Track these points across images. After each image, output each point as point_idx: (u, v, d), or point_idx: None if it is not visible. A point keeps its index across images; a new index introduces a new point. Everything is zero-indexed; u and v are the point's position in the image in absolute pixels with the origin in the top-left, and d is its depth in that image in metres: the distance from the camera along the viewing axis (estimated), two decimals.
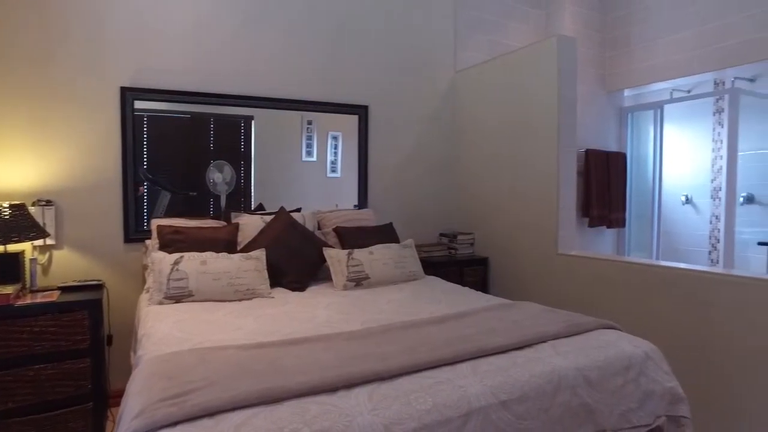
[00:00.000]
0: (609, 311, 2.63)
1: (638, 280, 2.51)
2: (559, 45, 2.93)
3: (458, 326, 1.82)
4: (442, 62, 3.79)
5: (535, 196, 3.09)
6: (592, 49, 4.35)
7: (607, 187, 4.21)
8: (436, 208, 3.80)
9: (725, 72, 4.03)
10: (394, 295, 2.47)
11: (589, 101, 4.31)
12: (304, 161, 3.37)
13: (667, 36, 3.98)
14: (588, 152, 4.11)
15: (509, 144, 3.31)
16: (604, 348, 1.63)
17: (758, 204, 4.44)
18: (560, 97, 2.92)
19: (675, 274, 2.36)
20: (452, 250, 3.56)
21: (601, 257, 2.76)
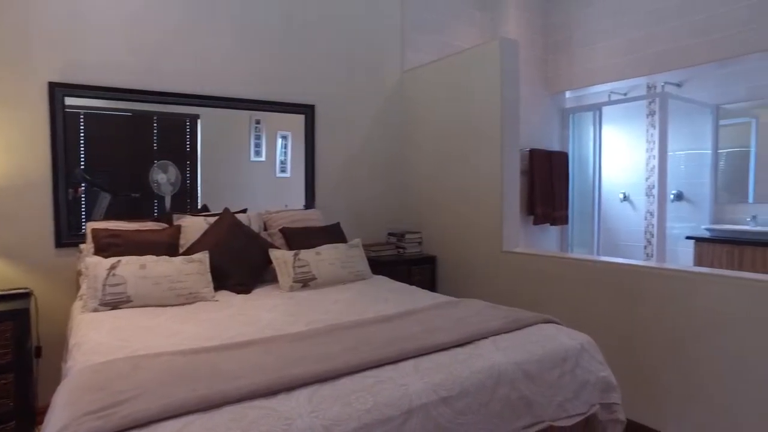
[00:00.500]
0: (551, 305, 2.72)
1: (577, 274, 2.61)
2: (502, 47, 3.00)
3: (403, 325, 1.83)
4: (389, 62, 3.81)
5: (481, 195, 3.16)
6: (535, 52, 4.49)
7: (551, 185, 4.36)
8: (385, 207, 3.82)
9: (656, 77, 4.26)
10: (341, 295, 2.46)
11: (533, 102, 4.44)
12: (252, 161, 3.31)
13: (604, 41, 4.16)
14: (532, 152, 4.24)
15: (455, 144, 3.37)
16: (542, 342, 1.69)
17: (687, 201, 4.71)
18: (503, 98, 2.99)
19: (610, 268, 2.47)
20: (400, 249, 3.59)
21: (543, 254, 2.85)
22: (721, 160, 4.56)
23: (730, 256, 3.95)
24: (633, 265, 2.41)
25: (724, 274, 2.10)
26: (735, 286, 2.02)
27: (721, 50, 3.44)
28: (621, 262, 2.48)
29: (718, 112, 4.51)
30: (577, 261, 2.63)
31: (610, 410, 1.73)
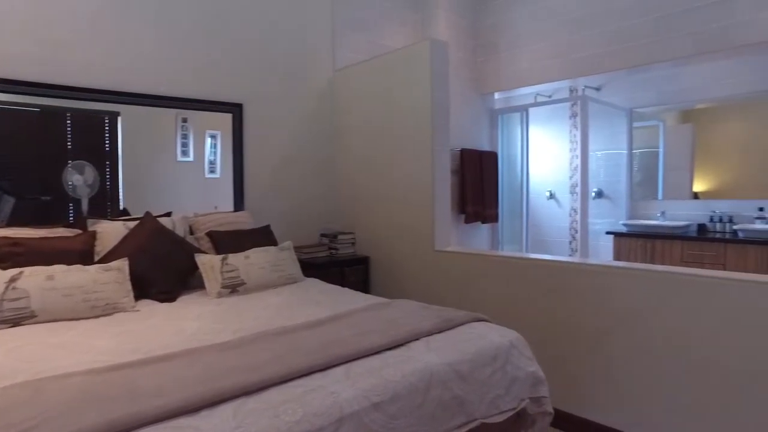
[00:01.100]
0: (482, 303, 2.78)
1: (506, 271, 2.69)
2: (432, 48, 3.03)
3: (334, 329, 1.80)
4: (320, 61, 3.75)
5: (412, 195, 3.18)
6: (465, 54, 4.58)
7: (481, 185, 4.47)
8: (317, 208, 3.76)
9: (577, 81, 4.49)
10: (272, 300, 2.39)
11: (463, 103, 4.54)
12: (179, 161, 3.15)
13: (530, 45, 4.32)
14: (462, 152, 4.33)
15: (387, 144, 3.37)
16: (473, 341, 1.71)
17: (606, 198, 5.00)
18: (433, 99, 3.02)
19: (536, 264, 2.56)
20: (333, 250, 3.55)
21: (473, 252, 2.91)
22: (635, 159, 4.87)
23: (643, 249, 4.23)
24: (557, 261, 2.52)
25: (638, 267, 2.23)
26: (647, 279, 2.15)
27: (632, 58, 3.67)
28: (546, 258, 2.58)
29: (631, 115, 4.81)
30: (505, 258, 2.71)
31: (539, 403, 1.79)
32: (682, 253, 4.01)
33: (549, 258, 2.58)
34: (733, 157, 4.35)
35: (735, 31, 3.22)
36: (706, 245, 3.89)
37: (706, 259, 3.89)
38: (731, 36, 3.24)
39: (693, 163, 4.54)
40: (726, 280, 1.94)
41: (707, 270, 2.06)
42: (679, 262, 4.02)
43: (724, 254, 3.80)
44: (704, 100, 4.35)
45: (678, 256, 4.03)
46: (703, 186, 4.49)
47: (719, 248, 3.83)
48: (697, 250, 3.93)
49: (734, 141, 4.34)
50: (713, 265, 3.85)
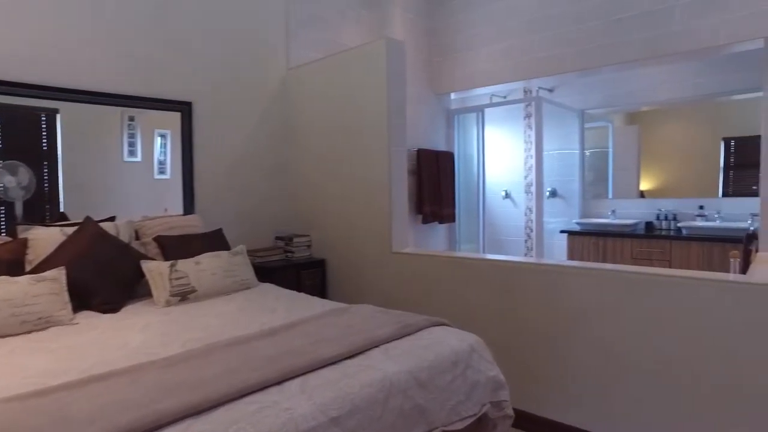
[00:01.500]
0: (441, 305, 2.76)
1: (464, 272, 2.67)
2: (388, 47, 2.99)
3: (289, 338, 1.72)
4: (274, 59, 3.64)
5: (369, 196, 3.13)
6: (422, 54, 4.57)
7: (438, 185, 4.47)
8: (272, 210, 3.65)
9: (531, 82, 4.55)
10: (224, 307, 2.28)
11: (419, 103, 4.52)
12: (126, 162, 2.98)
13: (485, 46, 4.34)
14: (419, 152, 4.31)
15: (343, 144, 3.30)
16: (433, 346, 1.67)
17: (560, 197, 5.11)
18: (390, 98, 2.98)
19: (493, 265, 2.56)
20: (289, 253, 3.45)
21: (431, 254, 2.89)
22: (587, 159, 5.00)
23: (596, 246, 4.34)
24: (513, 261, 2.52)
25: (592, 267, 2.26)
26: (601, 278, 2.18)
27: (584, 61, 3.74)
28: (502, 259, 2.58)
29: (583, 116, 4.93)
30: (463, 259, 2.69)
31: (499, 407, 1.77)
32: (632, 250, 4.14)
33: (505, 258, 2.59)
34: (674, 157, 4.53)
35: (675, 39, 3.34)
36: (654, 242, 4.03)
37: (654, 256, 4.03)
38: (672, 43, 3.35)
39: (639, 163, 4.70)
40: (679, 278, 1.99)
41: (662, 269, 2.11)
42: (629, 259, 4.15)
43: (670, 250, 3.95)
44: (649, 102, 4.51)
45: (629, 253, 4.15)
46: (649, 185, 4.66)
47: (665, 245, 3.97)
48: (645, 247, 4.07)
49: (675, 142, 4.52)
50: (660, 261, 3.99)
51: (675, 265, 3.91)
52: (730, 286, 1.87)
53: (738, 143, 4.16)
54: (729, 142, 4.19)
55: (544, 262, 2.40)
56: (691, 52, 3.35)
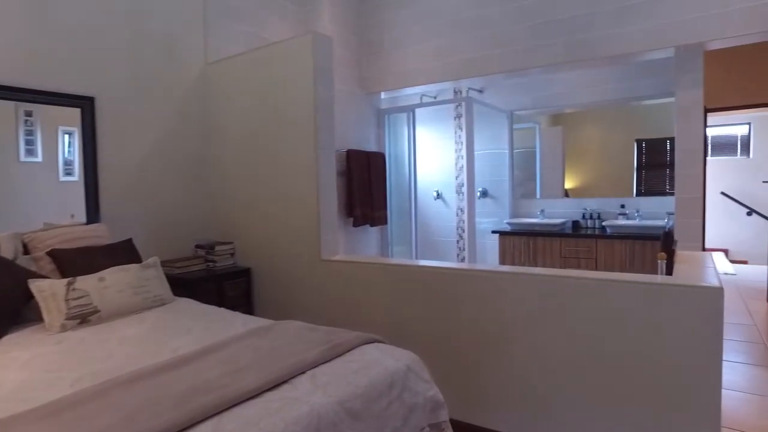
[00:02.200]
0: (374, 315, 2.64)
1: (398, 280, 2.56)
2: (315, 42, 2.81)
3: (204, 367, 1.52)
4: (190, 52, 3.35)
5: (296, 200, 2.94)
6: (351, 51, 4.42)
7: (369, 186, 4.34)
8: (191, 216, 3.36)
9: (461, 82, 4.53)
10: (132, 330, 2.02)
11: (349, 102, 4.37)
12: (23, 162, 2.61)
13: (415, 45, 4.26)
14: (349, 152, 4.16)
15: (268, 144, 3.09)
16: (366, 370, 1.53)
17: (491, 197, 5.15)
18: (317, 96, 2.81)
19: (427, 271, 2.46)
20: (211, 263, 3.19)
21: (363, 261, 2.75)
22: (517, 160, 5.07)
23: (527, 246, 4.39)
24: (448, 267, 2.44)
25: (526, 271, 2.22)
26: (535, 283, 2.14)
27: (510, 62, 3.75)
28: (437, 265, 2.49)
29: (512, 117, 5.00)
30: (397, 267, 2.58)
31: (438, 429, 1.66)
32: (561, 249, 4.22)
33: (440, 265, 2.50)
34: (594, 157, 4.69)
35: (595, 44, 3.42)
36: (581, 241, 4.13)
37: (581, 254, 4.13)
38: (592, 48, 3.43)
39: (564, 163, 4.83)
40: (612, 282, 1.98)
41: (595, 273, 2.09)
42: (559, 258, 4.23)
43: (596, 249, 4.06)
44: (572, 105, 4.64)
45: (558, 252, 4.24)
46: (574, 184, 4.79)
47: (591, 244, 4.08)
48: (573, 246, 4.16)
49: (594, 143, 4.69)
50: (587, 260, 4.10)
51: (601, 263, 4.03)
52: (659, 288, 1.88)
53: (648, 144, 4.39)
54: (641, 143, 4.41)
55: (480, 268, 2.33)
56: (610, 58, 3.44)
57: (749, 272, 6.35)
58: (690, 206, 3.41)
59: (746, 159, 7.75)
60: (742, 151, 7.82)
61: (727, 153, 7.88)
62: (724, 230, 7.69)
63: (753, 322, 4.18)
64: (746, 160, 7.74)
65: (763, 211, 7.04)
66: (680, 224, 3.43)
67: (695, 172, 3.40)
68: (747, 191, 7.53)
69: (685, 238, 3.41)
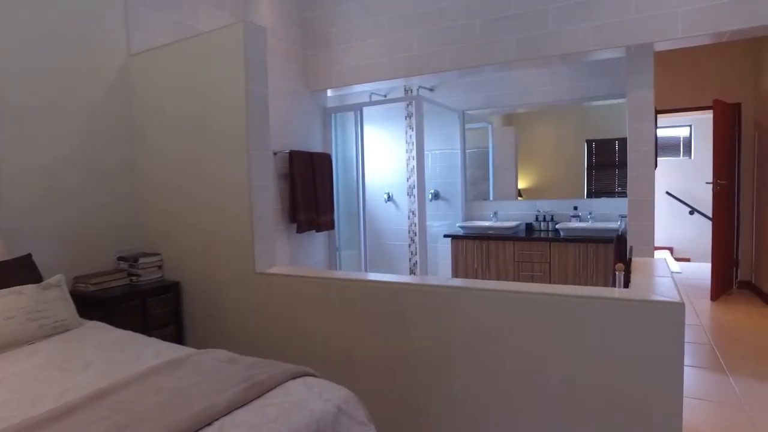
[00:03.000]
0: (313, 334, 2.40)
1: (341, 295, 2.33)
2: (247, 33, 2.54)
3: (88, 420, 1.23)
4: (110, 41, 3.00)
5: (228, 207, 2.66)
6: (294, 46, 4.15)
7: (314, 189, 4.08)
8: (113, 226, 3.00)
9: (411, 80, 4.34)
10: (18, 366, 1.70)
11: (293, 100, 4.10)
12: None
13: (362, 41, 4.04)
14: (292, 154, 3.89)
15: (197, 145, 2.78)
16: (286, 416, 1.29)
17: (443, 199, 4.99)
18: (249, 93, 2.54)
19: (373, 286, 2.24)
20: (134, 277, 2.86)
21: (301, 274, 2.49)
22: (470, 161, 4.93)
23: (479, 250, 4.25)
24: (395, 282, 2.22)
25: (477, 286, 2.04)
26: (487, 298, 1.96)
27: (463, 59, 3.59)
28: (383, 279, 2.27)
29: (464, 116, 4.85)
30: (340, 281, 2.34)
31: None
32: (514, 253, 4.10)
33: (386, 279, 2.28)
34: (547, 158, 4.62)
35: (548, 42, 3.30)
36: (534, 245, 4.02)
37: (535, 258, 4.02)
38: (545, 46, 3.31)
39: (517, 164, 4.73)
40: (566, 297, 1.82)
41: (550, 287, 1.92)
42: (512, 262, 4.11)
43: (549, 252, 3.96)
44: (525, 105, 4.54)
45: (511, 256, 4.11)
46: (527, 185, 4.70)
47: (545, 247, 3.98)
48: (527, 250, 4.05)
49: (547, 144, 4.61)
50: (541, 264, 3.99)
51: (555, 267, 3.94)
52: (617, 303, 1.73)
53: (598, 145, 4.36)
54: (591, 143, 4.37)
55: (428, 282, 2.13)
56: (562, 56, 3.33)
57: (693, 270, 6.49)
58: (642, 208, 3.34)
59: (688, 160, 7.97)
60: (684, 152, 8.03)
61: (671, 154, 8.08)
62: (669, 229, 7.87)
63: (699, 322, 4.20)
64: (688, 161, 7.96)
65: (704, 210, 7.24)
66: (633, 227, 3.36)
67: (647, 174, 3.33)
68: (689, 191, 7.74)
69: (638, 240, 3.34)
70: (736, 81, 5.23)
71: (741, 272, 5.30)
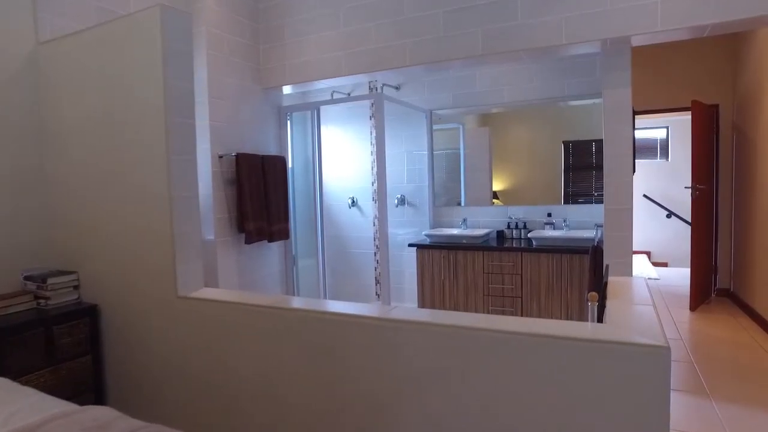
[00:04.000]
0: (241, 371, 2.04)
1: (268, 325, 1.98)
2: (166, 18, 2.17)
3: None
4: (14, 26, 2.59)
5: (149, 221, 2.28)
6: (244, 39, 3.77)
7: (265, 196, 3.71)
8: (18, 238, 2.60)
9: (375, 78, 4.01)
10: None
11: (244, 98, 3.74)
12: None
13: (316, 33, 3.69)
14: (239, 157, 3.51)
15: (114, 149, 2.40)
16: None
17: (410, 205, 4.67)
18: (169, 89, 2.17)
19: (308, 317, 1.90)
20: (43, 299, 2.46)
21: (229, 300, 2.13)
22: (441, 164, 4.62)
23: (446, 260, 3.94)
24: (327, 312, 1.88)
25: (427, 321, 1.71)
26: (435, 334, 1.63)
27: (424, 54, 3.27)
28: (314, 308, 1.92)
29: (431, 117, 4.54)
30: (267, 309, 1.99)
31: None
32: (484, 263, 3.80)
33: (318, 308, 1.93)
34: (524, 161, 4.33)
35: (517, 35, 3.01)
36: (505, 255, 3.73)
37: (505, 270, 3.73)
38: (514, 39, 3.01)
39: (491, 167, 4.43)
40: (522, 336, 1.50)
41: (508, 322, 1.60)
42: (482, 273, 3.81)
43: (521, 263, 3.67)
44: (497, 104, 4.25)
45: (480, 267, 3.82)
46: (501, 188, 4.41)
47: (516, 258, 3.69)
48: (497, 261, 3.76)
49: (522, 145, 4.33)
50: (512, 275, 3.71)
51: (527, 279, 3.65)
52: (590, 346, 1.42)
53: (575, 146, 4.10)
54: (568, 145, 4.11)
55: (370, 314, 1.79)
56: (533, 51, 3.03)
57: (671, 276, 6.30)
58: (619, 218, 3.07)
59: (665, 162, 7.81)
60: (661, 155, 7.88)
61: (648, 156, 7.91)
62: (646, 233, 7.70)
63: (679, 336, 3.96)
64: (665, 163, 7.80)
65: (681, 213, 7.07)
66: (609, 239, 3.09)
67: (624, 181, 3.06)
68: (667, 194, 7.58)
69: (615, 253, 3.07)
70: (713, 82, 5.04)
71: (719, 279, 5.11)
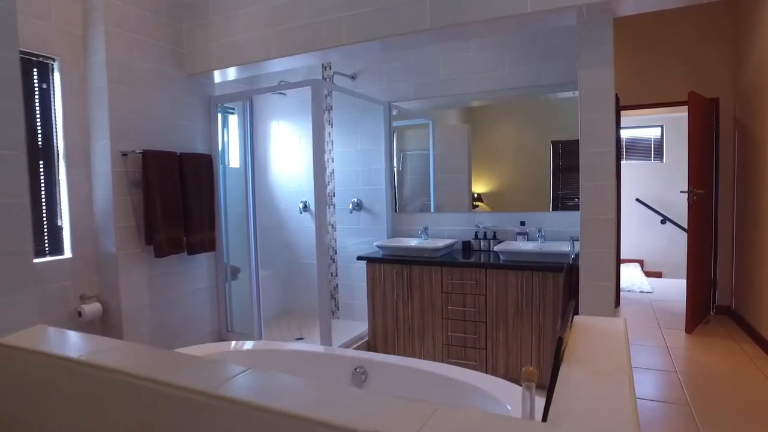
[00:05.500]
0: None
1: (93, 391, 1.40)
2: None
3: None
4: None
5: None
6: (160, 16, 3.20)
7: (183, 200, 3.13)
8: None
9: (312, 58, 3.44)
10: None
11: (164, 86, 3.16)
12: None
13: (242, 8, 3.12)
14: (146, 155, 2.93)
15: None
16: None
17: (367, 211, 4.10)
18: None
19: (127, 383, 1.32)
20: None
21: (53, 354, 1.55)
22: (411, 166, 4.05)
23: (400, 277, 3.37)
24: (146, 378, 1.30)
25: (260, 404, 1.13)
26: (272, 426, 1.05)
27: (363, 30, 2.70)
28: (143, 374, 1.34)
29: (390, 109, 3.97)
30: (90, 369, 1.41)
31: None
32: (443, 281, 3.23)
33: (145, 375, 1.35)
34: (508, 162, 3.76)
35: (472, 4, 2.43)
36: (467, 272, 3.15)
37: (467, 288, 3.16)
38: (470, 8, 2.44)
39: (470, 170, 3.83)
40: None
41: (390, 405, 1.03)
42: (440, 293, 3.24)
43: (485, 281, 3.10)
44: (462, 94, 3.67)
45: (439, 285, 3.24)
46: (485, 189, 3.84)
47: (480, 275, 3.12)
48: (458, 278, 3.18)
49: (507, 145, 3.76)
50: (475, 296, 3.13)
51: (492, 299, 3.08)
52: None
53: (565, 147, 3.51)
54: (557, 145, 3.52)
55: (226, 395, 1.21)
56: (493, 22, 2.46)
57: (666, 289, 5.74)
58: (598, 230, 2.50)
59: (660, 163, 7.26)
60: (655, 155, 7.33)
61: (641, 157, 7.37)
62: (639, 240, 7.14)
63: (673, 367, 3.39)
64: (660, 165, 7.26)
65: (677, 219, 6.51)
66: (585, 256, 2.52)
67: (606, 185, 2.49)
68: (661, 198, 7.03)
69: (592, 274, 2.50)
70: (711, 73, 4.48)
71: (719, 295, 4.54)
